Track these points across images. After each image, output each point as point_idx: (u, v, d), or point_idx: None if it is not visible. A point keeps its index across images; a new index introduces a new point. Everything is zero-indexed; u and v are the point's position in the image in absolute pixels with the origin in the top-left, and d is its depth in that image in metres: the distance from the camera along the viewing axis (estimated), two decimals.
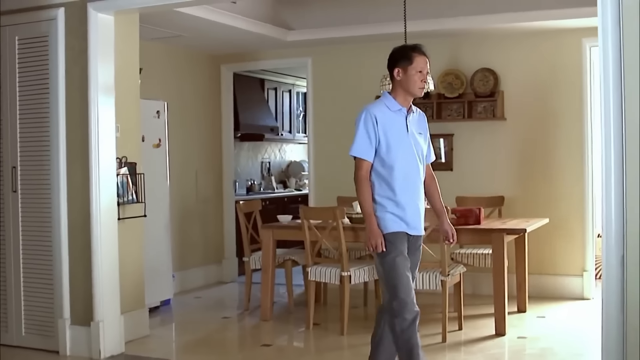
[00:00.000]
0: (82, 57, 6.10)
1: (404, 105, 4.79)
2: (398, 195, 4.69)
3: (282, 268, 7.70)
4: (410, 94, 4.77)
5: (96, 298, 6.08)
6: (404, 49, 4.81)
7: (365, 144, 4.70)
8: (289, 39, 8.75)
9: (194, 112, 9.33)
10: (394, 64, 4.79)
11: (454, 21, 7.90)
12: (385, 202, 4.71)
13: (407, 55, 4.74)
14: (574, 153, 8.08)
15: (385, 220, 4.70)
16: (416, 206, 4.78)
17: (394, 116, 4.76)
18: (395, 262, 4.65)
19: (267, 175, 12.00)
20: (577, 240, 8.12)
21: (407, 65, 4.72)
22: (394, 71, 4.77)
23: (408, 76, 4.72)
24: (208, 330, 7.23)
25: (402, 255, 4.69)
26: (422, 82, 4.75)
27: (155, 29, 7.74)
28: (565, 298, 8.07)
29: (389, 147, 4.69)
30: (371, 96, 8.63)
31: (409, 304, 4.65)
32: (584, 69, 8.03)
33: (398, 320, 4.66)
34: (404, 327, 4.66)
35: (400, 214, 4.71)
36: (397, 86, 4.79)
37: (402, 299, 4.64)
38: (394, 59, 4.81)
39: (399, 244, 4.69)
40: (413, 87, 4.73)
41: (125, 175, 6.46)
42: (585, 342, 6.41)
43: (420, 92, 4.78)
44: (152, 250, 7.55)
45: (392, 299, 4.67)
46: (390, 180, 4.69)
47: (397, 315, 4.65)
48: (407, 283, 4.66)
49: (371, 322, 7.23)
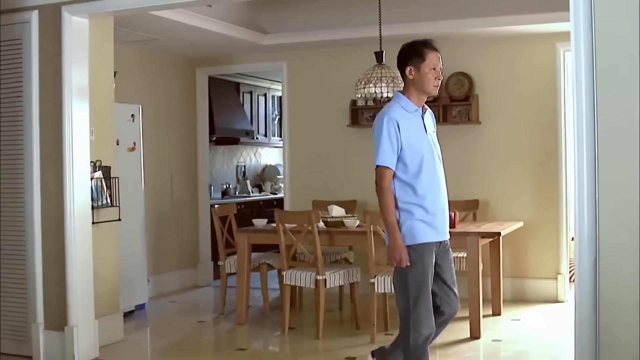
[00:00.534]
0: (56, 60, 6.07)
1: (418, 105, 4.57)
2: (426, 200, 4.47)
3: (257, 272, 7.68)
4: (425, 92, 4.55)
5: (70, 302, 6.04)
6: (415, 46, 4.56)
7: (390, 152, 4.45)
8: (264, 43, 8.74)
9: (169, 115, 9.30)
10: (405, 62, 4.55)
11: (429, 25, 7.92)
12: (412, 209, 4.47)
13: (418, 52, 4.51)
14: (548, 157, 8.13)
15: (414, 229, 4.47)
16: (443, 209, 4.58)
17: (412, 118, 4.54)
18: (421, 275, 4.46)
19: (242, 179, 11.99)
20: (552, 244, 8.16)
21: (420, 63, 4.49)
22: (406, 70, 4.54)
23: (422, 74, 4.49)
24: (183, 334, 7.21)
25: (429, 269, 4.49)
26: (437, 80, 4.52)
27: (130, 32, 7.71)
28: (539, 301, 8.10)
29: (413, 152, 4.47)
30: (346, 100, 8.68)
31: (427, 320, 4.49)
32: (558, 73, 8.08)
33: (413, 335, 4.48)
34: (419, 343, 4.49)
35: (429, 220, 4.48)
36: (410, 85, 4.56)
37: (421, 315, 4.47)
38: (405, 57, 4.57)
39: (426, 256, 4.47)
40: (427, 85, 4.50)
41: (100, 179, 6.43)
42: (560, 345, 6.44)
43: (435, 90, 4.57)
44: (127, 255, 7.51)
45: (410, 312, 4.49)
46: (415, 186, 4.46)
47: (413, 330, 4.48)
48: (428, 298, 4.49)
49: (347, 326, 7.28)
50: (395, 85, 6.96)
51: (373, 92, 6.96)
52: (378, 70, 7.01)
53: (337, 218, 7.16)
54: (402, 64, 4.59)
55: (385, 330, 6.82)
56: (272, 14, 8.63)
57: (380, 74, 6.97)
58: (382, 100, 7.94)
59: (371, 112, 8.69)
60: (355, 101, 8.65)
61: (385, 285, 6.44)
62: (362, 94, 7.06)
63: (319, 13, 8.43)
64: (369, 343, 6.44)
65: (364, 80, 7.02)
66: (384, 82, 6.93)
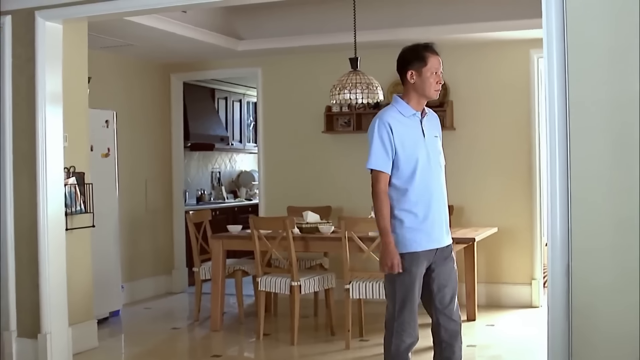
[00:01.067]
0: (29, 66, 6.03)
1: (417, 109, 4.48)
2: (418, 206, 4.40)
3: (232, 278, 7.67)
4: (425, 97, 4.46)
5: (43, 310, 5.99)
6: (416, 50, 4.45)
7: (382, 156, 4.38)
8: (239, 49, 8.73)
9: (143, 121, 9.27)
10: (406, 66, 4.45)
11: (404, 32, 7.94)
12: (403, 216, 4.41)
13: (420, 55, 4.42)
14: (522, 162, 8.17)
15: (404, 238, 4.40)
16: (440, 216, 4.49)
17: (408, 122, 4.45)
18: (408, 284, 4.40)
19: (217, 185, 11.96)
20: (526, 249, 8.21)
21: (422, 67, 4.40)
22: (407, 74, 4.44)
23: (423, 79, 4.40)
24: (158, 341, 7.18)
25: (417, 279, 4.43)
26: (438, 84, 4.44)
27: (104, 37, 7.68)
28: (514, 306, 8.14)
29: (406, 156, 4.39)
30: (321, 106, 8.68)
31: (410, 328, 4.45)
32: (532, 80, 8.13)
33: (395, 342, 4.45)
34: (400, 350, 4.46)
35: (421, 227, 4.40)
36: (411, 90, 4.46)
37: (405, 321, 4.43)
38: (406, 60, 4.47)
39: (415, 266, 4.40)
40: (429, 89, 4.42)
41: (73, 185, 6.40)
42: (534, 350, 6.47)
43: (436, 94, 4.49)
44: (101, 261, 7.47)
45: (394, 318, 4.45)
46: (409, 192, 4.39)
47: (395, 336, 4.45)
48: (414, 306, 4.45)
49: (322, 332, 7.27)
50: (370, 91, 6.98)
51: (348, 98, 6.97)
52: (353, 77, 7.03)
53: (312, 224, 7.16)
54: (402, 67, 4.50)
55: (361, 336, 6.83)
56: (247, 19, 8.63)
57: (355, 80, 6.99)
58: (357, 106, 7.97)
59: (346, 118, 8.70)
60: (330, 107, 8.66)
61: (360, 291, 6.44)
62: (337, 100, 7.07)
63: (294, 19, 8.44)
64: (344, 349, 6.45)
65: (339, 86, 7.03)
66: (358, 89, 6.94)
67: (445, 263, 4.54)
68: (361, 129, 8.60)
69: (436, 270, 4.50)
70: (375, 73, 7.37)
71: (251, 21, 8.63)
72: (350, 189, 8.71)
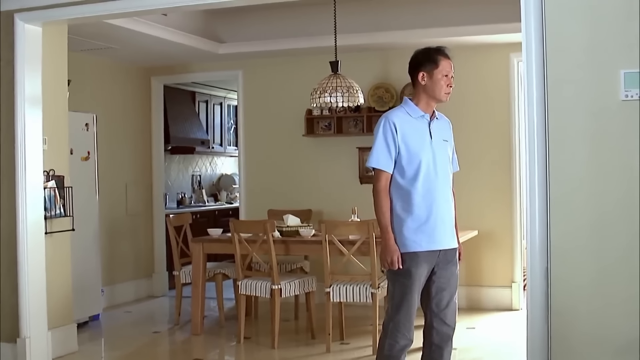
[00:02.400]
0: (9, 68, 6.01)
1: (426, 111, 4.51)
2: (422, 208, 4.41)
3: (212, 282, 7.65)
4: (435, 99, 4.51)
5: (22, 314, 5.97)
6: (429, 52, 4.51)
7: (385, 154, 4.40)
8: (220, 52, 8.72)
9: (123, 124, 9.24)
10: (418, 68, 4.50)
11: (384, 36, 7.97)
12: (405, 216, 4.41)
13: (432, 58, 4.48)
14: (502, 166, 8.21)
15: (405, 239, 4.41)
16: (442, 218, 4.48)
17: (416, 123, 4.47)
18: (408, 285, 4.41)
19: (198, 188, 11.94)
20: (506, 252, 8.24)
21: (433, 69, 4.45)
22: (419, 75, 4.48)
23: (434, 81, 4.46)
24: (138, 345, 7.15)
25: (417, 280, 4.42)
26: (448, 87, 4.50)
27: (84, 40, 7.65)
28: (494, 309, 8.17)
29: (411, 156, 4.41)
30: (302, 109, 8.69)
31: (405, 330, 4.45)
32: (512, 83, 8.17)
33: (389, 342, 4.45)
34: (393, 351, 4.46)
35: (423, 228, 4.41)
36: (421, 91, 4.50)
37: (400, 322, 4.43)
38: (418, 62, 4.51)
39: (415, 266, 4.40)
40: (439, 92, 4.47)
41: (53, 188, 6.37)
42: (515, 353, 6.49)
43: (446, 97, 4.52)
44: (81, 265, 7.43)
45: (390, 318, 4.47)
46: (411, 191, 4.40)
47: (389, 337, 4.46)
48: (411, 308, 4.44)
49: (302, 335, 7.27)
50: (350, 95, 6.99)
51: (328, 101, 6.98)
52: (333, 80, 7.04)
53: (293, 227, 7.16)
54: (414, 69, 4.53)
55: (341, 339, 6.83)
56: (227, 23, 8.62)
57: (335, 84, 7.00)
58: (337, 109, 7.98)
59: (327, 121, 8.71)
60: (310, 110, 8.66)
61: (341, 294, 6.45)
62: (317, 103, 7.08)
63: (275, 22, 8.44)
64: (325, 352, 6.45)
65: (320, 89, 7.04)
66: (339, 92, 6.95)
67: (448, 267, 4.54)
68: (342, 133, 8.62)
69: (437, 273, 4.51)
70: (355, 76, 7.38)
71: (232, 24, 8.62)
72: (331, 192, 8.72)
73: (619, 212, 4.04)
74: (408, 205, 4.42)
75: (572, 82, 4.13)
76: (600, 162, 4.07)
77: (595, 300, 4.07)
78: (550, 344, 4.14)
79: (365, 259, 6.37)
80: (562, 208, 4.13)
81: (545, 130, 4.15)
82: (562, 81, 4.14)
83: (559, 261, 4.13)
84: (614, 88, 4.03)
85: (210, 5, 5.84)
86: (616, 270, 4.05)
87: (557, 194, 4.14)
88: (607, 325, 4.05)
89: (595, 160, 4.08)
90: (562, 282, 4.13)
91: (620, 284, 4.03)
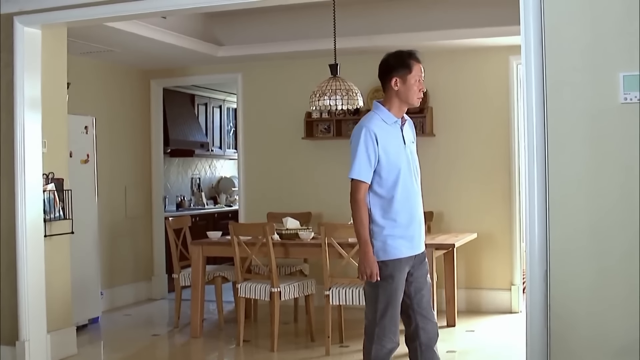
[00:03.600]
0: (8, 71, 6.01)
1: (398, 116, 4.47)
2: (401, 214, 4.40)
3: (212, 284, 7.66)
4: (408, 104, 4.46)
5: (21, 317, 5.97)
6: (401, 56, 4.44)
7: (365, 166, 4.37)
8: (219, 55, 8.73)
9: (123, 127, 9.23)
10: (390, 73, 4.43)
11: (384, 38, 7.97)
12: (385, 224, 4.40)
13: (405, 63, 4.41)
14: (501, 168, 8.20)
15: (387, 245, 4.40)
16: (419, 223, 4.52)
17: (390, 130, 4.45)
18: (392, 290, 4.40)
19: (197, 191, 11.94)
20: (505, 255, 8.23)
21: (406, 74, 4.39)
22: (392, 81, 4.42)
23: (408, 86, 4.40)
24: (137, 348, 7.15)
25: (400, 285, 4.42)
26: (420, 92, 4.45)
27: (84, 43, 7.66)
28: (494, 312, 8.17)
29: (390, 165, 4.39)
30: (301, 112, 8.69)
31: (391, 333, 4.43)
32: (511, 86, 8.17)
33: (376, 347, 4.44)
34: (380, 356, 4.45)
35: (404, 234, 4.41)
36: (393, 96, 4.44)
37: (386, 327, 4.41)
38: (390, 67, 4.45)
39: (397, 272, 4.40)
40: (412, 97, 4.42)
41: (52, 191, 6.37)
42: (514, 355, 6.49)
43: (418, 102, 4.49)
44: (80, 268, 7.43)
45: (375, 324, 4.43)
46: (391, 199, 4.39)
47: (375, 342, 4.44)
48: (396, 311, 4.44)
49: (302, 338, 7.27)
50: (350, 97, 6.98)
51: (328, 104, 6.98)
52: (333, 83, 7.03)
53: (292, 230, 7.16)
54: (386, 74, 4.47)
55: (340, 342, 6.83)
56: (227, 25, 8.63)
57: (334, 87, 6.99)
58: (336, 112, 7.97)
59: (326, 124, 8.72)
60: (310, 113, 8.66)
61: (340, 297, 6.44)
62: (316, 106, 7.07)
63: (274, 25, 8.45)
64: (324, 355, 6.45)
65: (319, 92, 7.04)
66: (338, 95, 6.95)
67: (422, 267, 4.57)
68: (341, 135, 8.61)
69: (414, 275, 4.51)
70: (355, 79, 7.38)
71: (231, 27, 8.63)
72: (330, 195, 8.71)
73: (618, 215, 4.04)
74: (389, 213, 4.41)
75: (571, 85, 4.13)
76: (600, 165, 4.07)
77: (594, 302, 4.07)
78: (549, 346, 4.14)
79: None
80: (561, 210, 4.14)
81: (545, 133, 4.15)
82: (562, 84, 4.14)
83: (558, 264, 4.13)
84: (613, 91, 4.03)
85: (209, 8, 5.84)
86: (615, 272, 4.05)
87: (557, 196, 4.14)
88: (607, 328, 4.05)
89: (594, 162, 4.08)
90: (561, 285, 4.13)
91: (620, 286, 4.03)
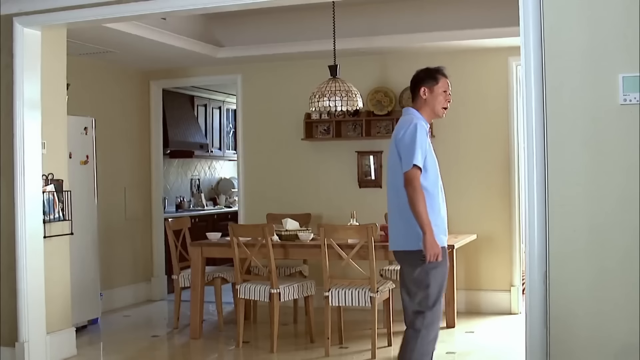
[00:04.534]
0: (8, 72, 6.01)
1: (428, 122, 4.92)
2: (443, 208, 4.85)
3: (211, 286, 7.65)
4: (434, 112, 4.91)
5: (21, 318, 5.97)
6: (429, 71, 4.94)
7: (422, 154, 4.67)
8: (218, 56, 8.73)
9: (122, 128, 9.23)
10: (420, 83, 4.91)
11: (383, 40, 7.97)
12: (432, 216, 4.67)
13: (432, 75, 4.90)
14: (501, 170, 8.21)
15: (438, 235, 4.70)
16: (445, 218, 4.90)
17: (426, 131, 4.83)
18: (443, 276, 4.75)
19: (196, 192, 11.94)
20: (505, 256, 8.23)
21: (433, 85, 4.88)
22: (420, 90, 4.89)
23: (434, 95, 4.87)
24: (137, 349, 7.15)
25: (447, 270, 4.85)
26: (447, 102, 4.91)
27: (83, 44, 7.66)
28: (493, 313, 8.17)
29: (432, 160, 4.76)
30: (301, 113, 8.69)
31: (439, 320, 4.78)
32: (510, 87, 8.17)
33: (424, 332, 4.70)
34: (429, 340, 4.72)
35: (443, 226, 4.83)
36: (424, 104, 4.90)
37: (437, 313, 4.74)
38: (419, 78, 4.93)
39: (444, 258, 4.76)
40: (438, 106, 4.88)
41: (52, 192, 6.36)
42: (514, 357, 6.49)
43: (443, 112, 4.92)
44: (80, 269, 7.43)
45: (429, 309, 4.71)
46: (433, 193, 4.74)
47: (426, 327, 4.69)
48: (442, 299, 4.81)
49: (301, 339, 7.26)
50: (349, 98, 6.99)
51: (327, 105, 6.98)
52: (332, 84, 7.04)
53: (292, 231, 7.16)
54: (416, 85, 4.93)
55: (340, 343, 6.83)
56: (226, 27, 8.63)
57: (334, 88, 7.00)
58: (336, 113, 7.97)
59: (325, 125, 8.71)
60: (309, 114, 8.66)
61: (340, 298, 6.44)
62: (316, 107, 7.08)
63: (274, 26, 8.45)
64: (324, 356, 6.44)
65: (318, 93, 7.04)
66: (338, 96, 6.95)
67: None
68: (340, 137, 8.62)
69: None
70: (354, 80, 7.38)
71: (231, 28, 8.63)
72: (330, 196, 8.72)
73: (618, 216, 4.04)
74: (434, 205, 4.74)
75: (570, 86, 4.13)
76: (599, 166, 4.07)
77: (593, 304, 4.07)
78: (549, 348, 4.14)
79: (364, 263, 6.37)
80: (561, 212, 4.13)
81: (544, 134, 4.15)
82: (561, 85, 4.14)
83: (557, 265, 4.13)
84: (613, 92, 4.03)
85: (209, 9, 5.84)
86: (615, 274, 4.05)
87: (556, 198, 4.14)
88: (606, 329, 4.05)
89: (594, 164, 4.08)
90: (560, 286, 4.12)
91: (619, 288, 4.03)
